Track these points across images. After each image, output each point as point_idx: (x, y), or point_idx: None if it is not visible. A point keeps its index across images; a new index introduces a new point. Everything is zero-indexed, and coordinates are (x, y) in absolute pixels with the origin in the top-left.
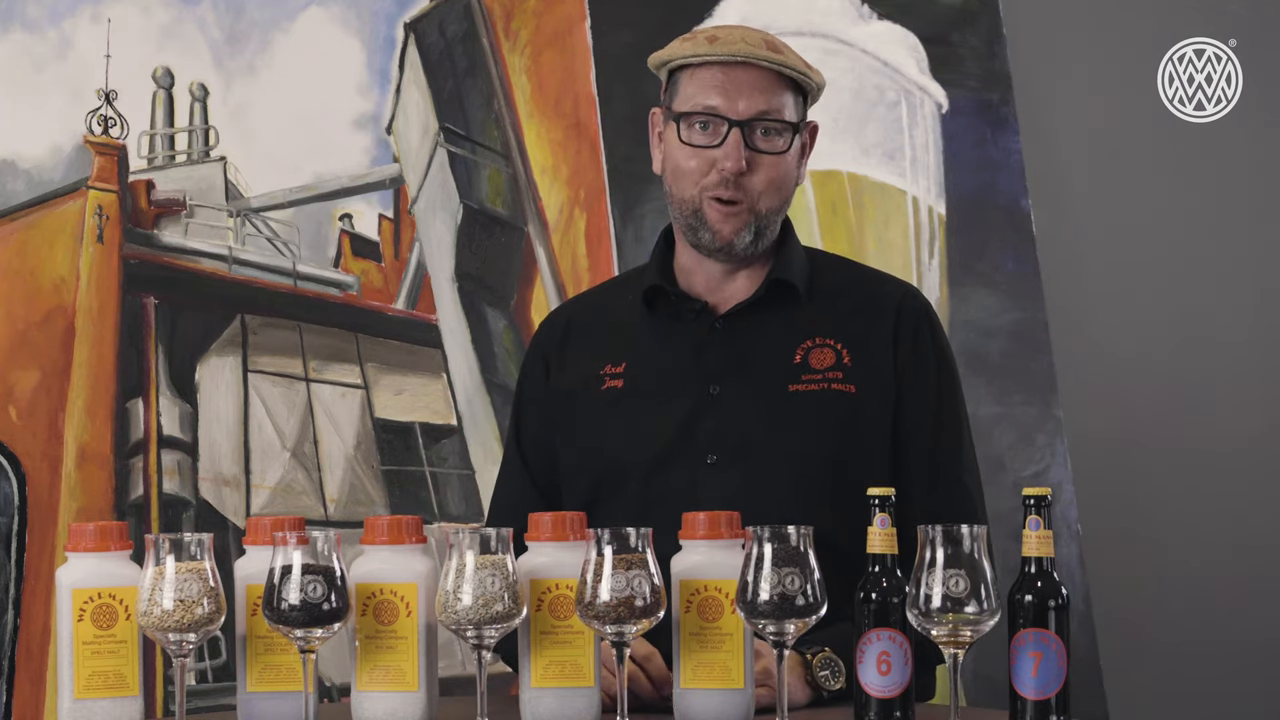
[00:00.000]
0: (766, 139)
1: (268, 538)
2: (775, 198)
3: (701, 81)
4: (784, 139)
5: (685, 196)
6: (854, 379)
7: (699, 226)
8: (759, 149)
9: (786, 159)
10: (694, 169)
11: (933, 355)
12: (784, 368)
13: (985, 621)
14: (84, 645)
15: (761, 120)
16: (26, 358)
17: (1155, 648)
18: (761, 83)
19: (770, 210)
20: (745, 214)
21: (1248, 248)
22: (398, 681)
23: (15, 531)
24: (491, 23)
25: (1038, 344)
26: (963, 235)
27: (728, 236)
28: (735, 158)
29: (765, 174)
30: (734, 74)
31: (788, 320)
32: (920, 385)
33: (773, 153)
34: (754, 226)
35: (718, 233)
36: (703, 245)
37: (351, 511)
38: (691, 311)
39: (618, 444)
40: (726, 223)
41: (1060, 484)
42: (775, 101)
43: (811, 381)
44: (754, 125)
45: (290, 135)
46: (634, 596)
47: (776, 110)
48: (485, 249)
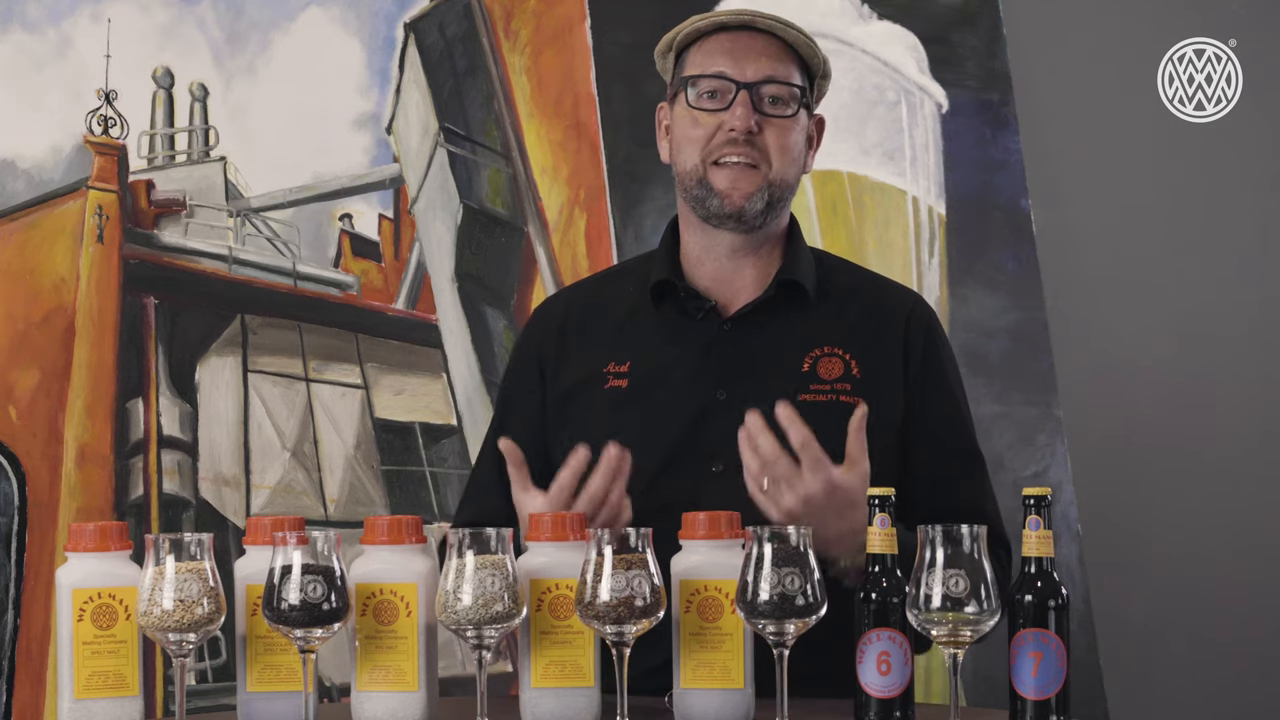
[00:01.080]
0: (775, 105)
1: (268, 538)
2: (787, 165)
3: (709, 50)
4: (792, 106)
5: (689, 166)
6: (861, 391)
7: (706, 195)
8: (768, 113)
9: (796, 127)
10: (700, 135)
11: (942, 367)
12: (792, 376)
13: (985, 621)
14: (84, 645)
15: (770, 83)
16: (26, 358)
17: (1155, 648)
18: (769, 49)
19: (782, 178)
20: (758, 177)
21: (1248, 247)
22: (398, 681)
23: (15, 531)
24: (491, 23)
25: (1038, 344)
26: (963, 235)
27: (738, 201)
28: (744, 115)
29: (776, 137)
30: (742, 40)
31: (796, 325)
32: (931, 397)
33: (782, 117)
34: (766, 193)
35: (727, 196)
36: (712, 214)
37: (351, 511)
38: (699, 310)
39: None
40: (737, 186)
41: (1060, 484)
42: (783, 68)
43: (820, 392)
44: (762, 90)
45: (290, 135)
46: (634, 596)
47: (785, 75)
48: (485, 249)
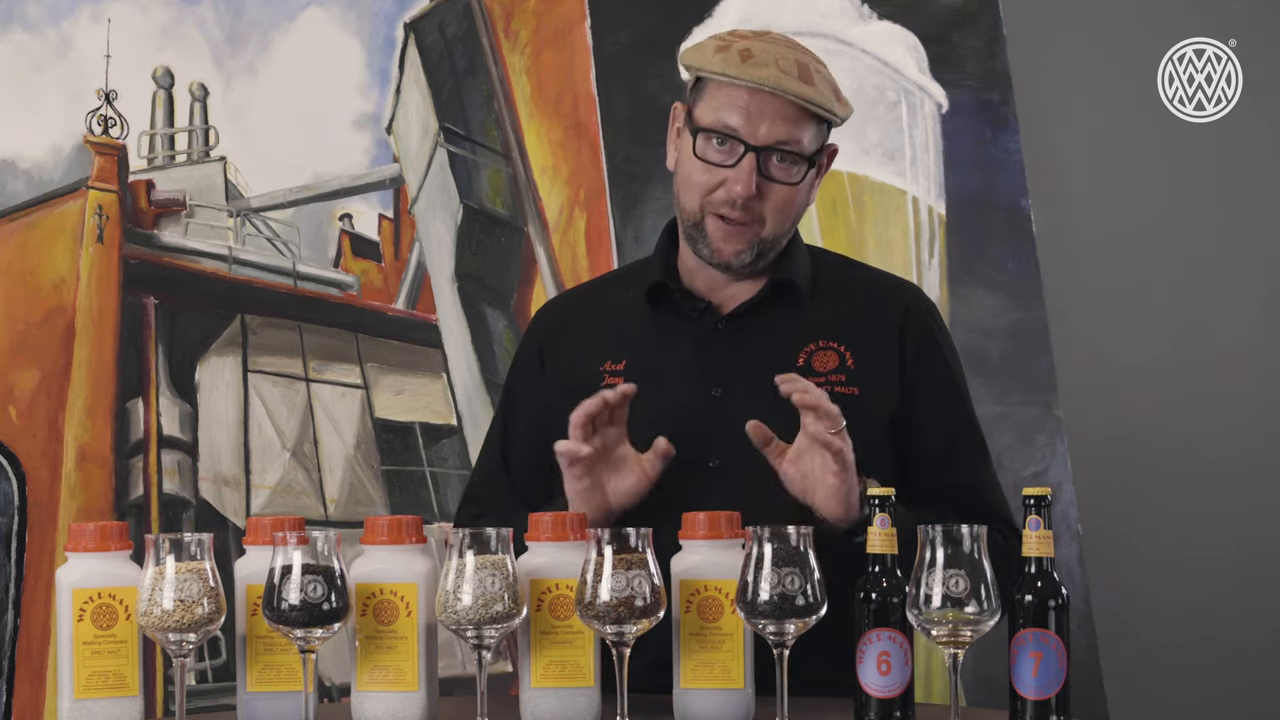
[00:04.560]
0: (781, 167)
1: (268, 538)
2: (781, 224)
3: (726, 98)
4: (799, 169)
5: (690, 207)
6: (857, 381)
7: (699, 239)
8: (772, 177)
9: (798, 189)
10: (703, 184)
11: (942, 355)
12: (787, 371)
13: (985, 621)
14: (84, 645)
15: (779, 149)
16: (26, 358)
17: (1155, 648)
18: (786, 111)
19: (775, 235)
20: (749, 235)
21: (1248, 248)
22: (398, 681)
23: (15, 531)
24: (491, 23)
25: (1038, 344)
26: (963, 235)
27: (727, 256)
28: (746, 183)
29: (774, 202)
30: (760, 98)
31: (791, 322)
32: (930, 386)
33: (786, 183)
34: (756, 248)
35: (717, 250)
36: (701, 257)
37: (351, 511)
38: (695, 311)
39: None
40: (728, 242)
41: (1060, 484)
42: (796, 132)
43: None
44: (770, 153)
45: (290, 135)
46: (634, 596)
47: (796, 141)
48: (485, 249)
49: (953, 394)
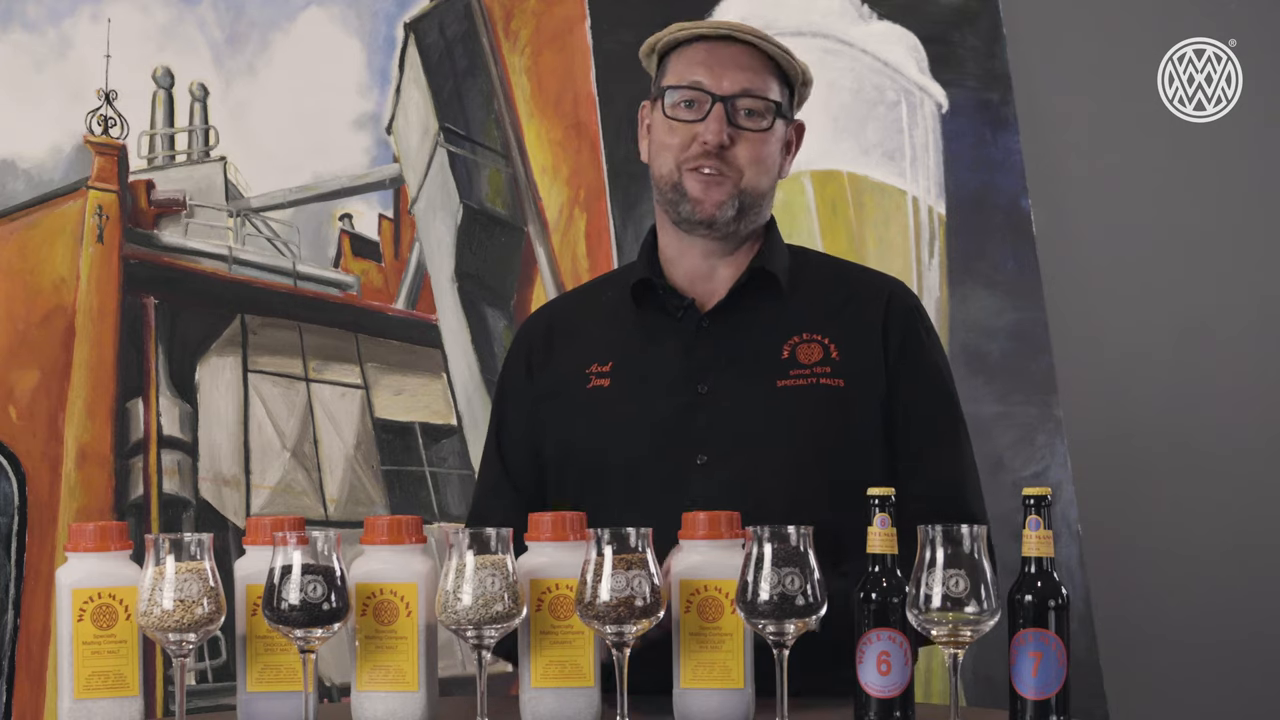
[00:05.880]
0: (750, 118)
1: (268, 538)
2: (759, 175)
3: (688, 59)
4: (767, 119)
5: (664, 172)
6: (842, 373)
7: (679, 200)
8: (742, 126)
9: (770, 140)
10: (675, 144)
11: (925, 346)
12: (772, 364)
13: (985, 621)
14: (84, 645)
15: (745, 96)
16: (26, 358)
17: (1155, 648)
18: (747, 61)
19: (753, 188)
20: (729, 186)
21: (1248, 247)
22: (398, 681)
23: (15, 531)
24: (491, 23)
25: (1038, 344)
26: (963, 235)
27: (709, 210)
28: (716, 130)
29: (748, 150)
30: (719, 51)
31: (774, 316)
32: (914, 378)
33: (756, 129)
34: (737, 201)
35: (699, 203)
36: (684, 219)
37: (351, 511)
38: (679, 308)
39: (605, 443)
40: (709, 192)
41: (1060, 484)
42: (759, 81)
43: (800, 377)
44: (737, 103)
45: (290, 135)
46: (634, 596)
47: (761, 89)
48: (485, 249)
49: (937, 385)
